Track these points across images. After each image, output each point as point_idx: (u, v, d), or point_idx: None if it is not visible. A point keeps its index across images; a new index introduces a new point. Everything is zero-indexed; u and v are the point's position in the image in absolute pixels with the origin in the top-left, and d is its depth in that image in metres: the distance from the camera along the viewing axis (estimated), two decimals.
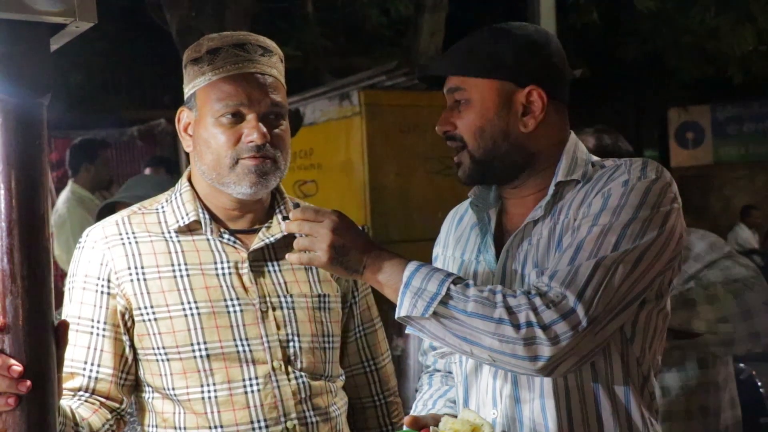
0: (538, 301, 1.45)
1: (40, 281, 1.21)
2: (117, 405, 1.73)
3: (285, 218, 1.60)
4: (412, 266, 1.52)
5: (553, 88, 1.66)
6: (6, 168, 1.19)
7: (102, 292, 1.72)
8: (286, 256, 1.59)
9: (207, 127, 1.73)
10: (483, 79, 1.64)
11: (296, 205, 1.81)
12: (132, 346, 1.74)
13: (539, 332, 1.43)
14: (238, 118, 1.71)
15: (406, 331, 1.56)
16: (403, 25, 9.56)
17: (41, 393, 1.21)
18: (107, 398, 1.71)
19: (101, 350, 1.71)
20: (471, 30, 1.73)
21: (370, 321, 1.97)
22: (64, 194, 5.36)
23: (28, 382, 1.20)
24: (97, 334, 1.71)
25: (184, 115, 1.79)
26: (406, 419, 1.58)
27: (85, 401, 1.69)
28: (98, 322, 1.72)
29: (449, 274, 1.51)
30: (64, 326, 1.27)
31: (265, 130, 1.71)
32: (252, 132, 1.70)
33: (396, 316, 1.52)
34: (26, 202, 1.20)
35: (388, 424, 1.98)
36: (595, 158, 1.70)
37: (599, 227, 1.52)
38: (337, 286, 1.87)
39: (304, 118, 6.72)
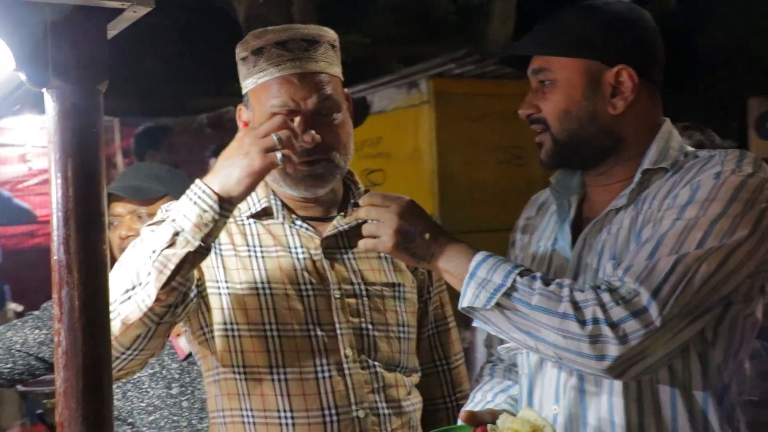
0: (606, 296, 1.37)
1: (95, 272, 1.18)
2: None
3: (355, 205, 1.56)
4: (479, 256, 1.46)
5: (644, 68, 1.56)
6: (62, 157, 1.16)
7: None
8: (359, 243, 1.56)
9: None
10: (569, 59, 1.56)
11: (365, 192, 1.77)
12: (199, 326, 1.72)
13: (606, 330, 1.35)
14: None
15: (473, 324, 1.50)
16: (472, 12, 9.45)
17: (98, 385, 1.18)
18: None
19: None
20: (541, 17, 1.66)
21: (443, 319, 1.93)
22: None
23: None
24: None
25: (243, 113, 1.78)
26: (463, 414, 1.52)
27: None
28: None
29: (517, 266, 1.45)
30: None
31: (313, 132, 1.63)
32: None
33: (459, 306, 1.47)
34: (83, 191, 1.17)
35: None
36: (689, 149, 1.60)
37: (684, 221, 1.42)
38: (413, 278, 1.84)
39: (372, 107, 6.68)
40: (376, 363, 1.72)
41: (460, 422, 1.53)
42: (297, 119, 1.67)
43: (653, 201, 1.51)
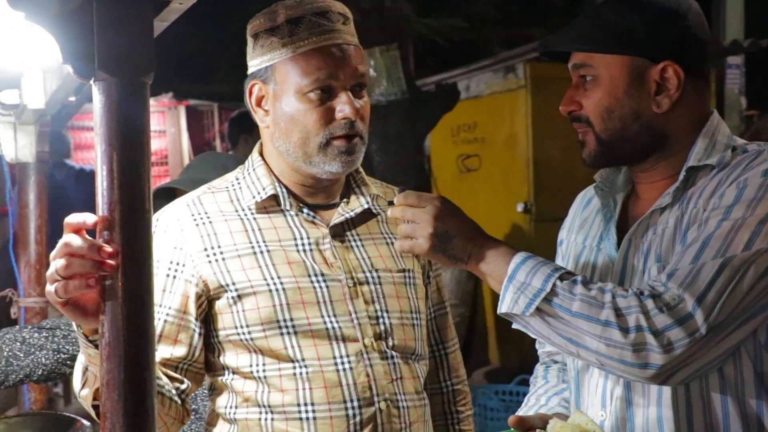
0: (650, 303, 1.31)
1: (139, 263, 1.19)
2: (178, 384, 1.64)
3: (390, 203, 1.52)
4: (518, 258, 1.41)
5: (690, 63, 1.49)
6: (108, 149, 1.17)
7: (174, 277, 1.65)
8: (395, 244, 1.53)
9: (292, 103, 1.64)
10: (612, 55, 1.49)
11: (401, 190, 1.73)
12: (205, 332, 1.68)
13: (650, 338, 1.30)
14: (327, 93, 1.63)
15: (513, 326, 1.46)
16: None
17: (139, 378, 1.19)
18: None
19: (160, 335, 1.63)
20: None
21: (440, 303, 1.88)
22: None
23: (114, 263, 1.15)
24: (161, 320, 1.63)
25: (256, 89, 1.70)
26: (511, 419, 1.48)
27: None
28: (163, 306, 1.64)
29: (557, 269, 1.39)
30: None
31: (358, 105, 1.63)
32: (344, 107, 1.62)
33: (498, 311, 1.42)
34: (128, 183, 1.18)
35: (454, 412, 1.89)
36: (740, 141, 1.52)
37: (730, 222, 1.35)
38: (417, 263, 1.80)
39: (469, 91, 6.60)
40: (395, 353, 1.68)
41: (510, 428, 1.49)
42: (341, 90, 1.63)
43: (699, 200, 1.44)
